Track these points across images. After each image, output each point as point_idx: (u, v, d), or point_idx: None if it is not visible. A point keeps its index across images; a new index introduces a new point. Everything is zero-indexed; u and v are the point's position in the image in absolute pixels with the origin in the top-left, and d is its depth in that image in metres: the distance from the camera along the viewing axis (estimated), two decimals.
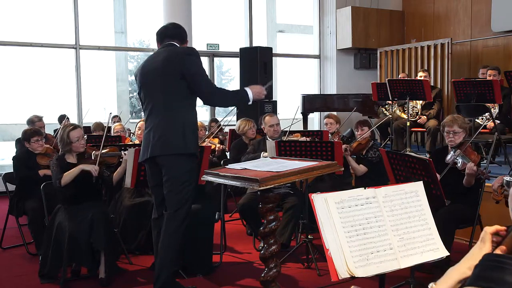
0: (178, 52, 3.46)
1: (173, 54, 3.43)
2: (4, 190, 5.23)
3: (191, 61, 3.39)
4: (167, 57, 3.42)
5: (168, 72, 3.38)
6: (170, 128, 3.38)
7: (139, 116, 12.86)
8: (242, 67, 9.17)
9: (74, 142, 4.07)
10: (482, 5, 9.16)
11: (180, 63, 3.37)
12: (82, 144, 4.14)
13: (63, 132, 4.10)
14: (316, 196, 2.27)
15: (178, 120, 3.39)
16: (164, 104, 3.42)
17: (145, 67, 3.54)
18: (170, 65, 3.39)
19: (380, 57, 9.98)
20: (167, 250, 3.41)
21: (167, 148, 3.37)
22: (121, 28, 11.97)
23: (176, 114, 3.40)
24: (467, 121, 4.25)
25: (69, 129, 4.09)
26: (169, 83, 3.40)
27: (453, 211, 3.77)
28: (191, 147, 3.41)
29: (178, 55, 3.41)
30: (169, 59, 3.40)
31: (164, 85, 3.41)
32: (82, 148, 4.14)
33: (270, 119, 5.26)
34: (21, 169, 4.83)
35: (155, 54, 3.60)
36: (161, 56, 3.46)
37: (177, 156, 3.37)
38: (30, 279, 4.11)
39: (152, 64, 3.49)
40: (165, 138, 3.38)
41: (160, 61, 3.43)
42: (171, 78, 3.38)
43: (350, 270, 2.18)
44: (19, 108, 10.14)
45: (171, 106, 3.41)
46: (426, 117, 6.84)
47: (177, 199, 3.38)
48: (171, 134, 3.37)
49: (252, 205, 4.40)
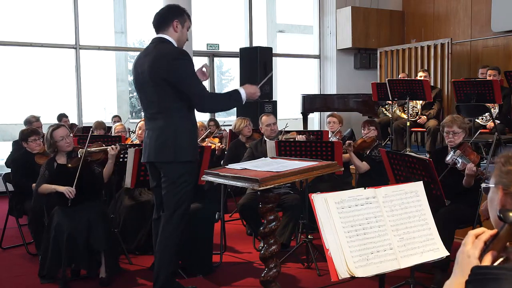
0: (163, 56, 3.27)
1: (158, 59, 3.27)
2: (4, 190, 5.23)
3: (176, 67, 3.24)
4: (152, 62, 3.28)
5: (155, 80, 3.28)
6: (163, 135, 3.32)
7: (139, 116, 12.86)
8: (242, 67, 9.18)
9: (58, 142, 4.04)
10: (482, 5, 9.16)
11: (165, 71, 3.23)
12: (68, 142, 4.08)
13: (47, 132, 4.09)
14: (316, 196, 2.27)
15: (171, 128, 3.31)
16: (157, 109, 3.34)
17: (137, 67, 3.44)
18: (156, 73, 3.26)
19: (380, 57, 9.98)
20: (165, 251, 3.39)
21: (161, 155, 3.33)
22: (121, 28, 11.96)
23: (169, 120, 3.32)
24: (466, 121, 4.25)
25: (52, 129, 4.08)
26: (159, 89, 3.29)
27: (453, 211, 3.77)
28: (182, 156, 3.31)
29: (163, 61, 3.25)
30: (154, 66, 3.27)
31: (154, 91, 3.31)
32: (68, 147, 4.10)
33: (267, 118, 5.26)
34: (17, 172, 4.81)
35: (145, 52, 3.44)
36: (149, 58, 3.32)
37: (171, 163, 3.33)
38: (30, 279, 4.10)
39: (142, 65, 3.36)
40: (158, 144, 3.33)
41: (147, 67, 3.30)
42: (159, 85, 3.28)
43: (350, 270, 2.18)
44: (19, 108, 10.13)
45: (164, 111, 3.32)
46: (426, 117, 6.84)
47: (175, 200, 3.35)
48: (164, 141, 3.32)
49: (252, 205, 4.40)
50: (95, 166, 4.22)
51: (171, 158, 3.31)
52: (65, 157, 4.13)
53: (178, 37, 3.41)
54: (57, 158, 4.12)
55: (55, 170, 4.07)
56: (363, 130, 5.17)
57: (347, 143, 4.87)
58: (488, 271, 1.12)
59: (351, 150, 4.89)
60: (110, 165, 4.26)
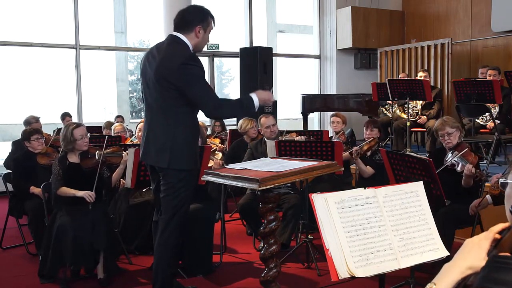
0: (172, 59, 3.15)
1: (166, 61, 3.16)
2: (4, 190, 5.23)
3: (184, 72, 3.11)
4: (160, 63, 3.17)
5: (160, 82, 3.18)
6: (161, 139, 3.26)
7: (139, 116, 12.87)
8: (242, 67, 9.18)
9: (78, 140, 4.03)
10: (482, 5, 9.16)
11: (171, 74, 3.12)
12: (86, 142, 4.09)
13: (66, 130, 4.06)
14: (316, 196, 2.27)
15: (170, 134, 3.23)
16: (160, 111, 3.27)
17: (145, 65, 3.33)
18: (161, 75, 3.16)
19: (380, 57, 9.98)
20: (164, 254, 3.37)
21: (158, 159, 3.29)
22: (121, 28, 11.97)
23: (170, 125, 3.24)
24: (456, 120, 4.28)
25: (73, 127, 4.07)
26: (163, 91, 3.20)
27: (453, 211, 3.77)
28: (178, 164, 3.25)
29: (170, 64, 3.13)
30: (160, 67, 3.16)
31: (159, 92, 3.22)
32: (85, 146, 4.10)
33: (266, 120, 5.19)
34: (17, 172, 4.81)
35: (157, 48, 3.31)
36: (159, 57, 3.21)
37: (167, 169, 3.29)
38: (30, 279, 4.10)
39: (151, 63, 3.26)
40: (157, 148, 3.28)
41: (154, 68, 3.20)
42: (163, 87, 3.18)
43: (350, 270, 2.18)
44: (19, 108, 10.14)
45: (166, 114, 3.25)
46: (426, 117, 6.84)
47: (173, 204, 3.30)
48: (161, 146, 3.26)
49: (252, 205, 4.40)
50: (105, 170, 4.21)
51: (165, 165, 3.25)
52: (77, 156, 4.11)
53: (197, 42, 3.27)
54: (69, 157, 4.11)
55: (67, 169, 4.06)
56: (366, 131, 5.11)
57: (355, 152, 4.80)
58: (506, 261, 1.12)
59: (358, 157, 4.84)
60: (120, 170, 4.23)
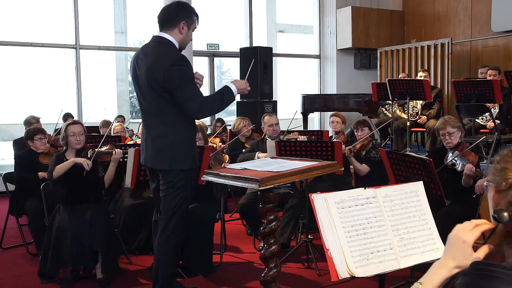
0: (161, 61, 3.16)
1: (155, 63, 3.17)
2: (4, 190, 5.23)
3: (172, 74, 3.12)
4: (149, 67, 3.18)
5: (152, 85, 3.19)
6: (160, 142, 3.27)
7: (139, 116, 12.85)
8: (242, 67, 9.18)
9: (69, 137, 4.05)
10: (482, 5, 9.16)
11: (161, 76, 3.12)
12: (78, 140, 4.08)
13: (63, 126, 4.14)
14: (316, 196, 2.27)
15: (169, 136, 3.24)
16: (155, 114, 3.27)
17: (135, 68, 3.33)
18: (152, 79, 3.16)
19: (380, 57, 9.99)
20: (163, 254, 3.37)
21: (158, 162, 3.30)
22: (121, 28, 11.97)
23: (167, 126, 3.25)
24: (458, 120, 4.28)
25: (68, 123, 4.12)
26: (155, 94, 3.21)
27: (453, 211, 3.77)
28: (178, 165, 3.25)
29: (159, 66, 3.14)
30: (150, 71, 3.17)
31: (152, 95, 3.23)
32: (77, 145, 4.09)
33: (270, 118, 5.27)
34: (20, 169, 4.82)
35: (143, 51, 3.33)
36: (147, 61, 3.22)
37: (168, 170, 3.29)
38: (30, 279, 4.10)
39: (141, 68, 3.26)
40: (155, 151, 3.28)
41: (144, 72, 3.22)
42: (155, 90, 3.19)
43: (350, 270, 2.18)
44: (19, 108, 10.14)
45: (162, 117, 3.25)
46: (426, 117, 6.85)
47: (172, 204, 3.30)
48: (161, 148, 3.27)
49: (252, 205, 4.40)
50: (100, 169, 4.21)
51: (167, 167, 3.26)
52: (74, 155, 4.12)
53: (181, 38, 3.30)
54: (67, 155, 4.12)
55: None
56: (356, 132, 5.17)
57: (347, 151, 4.84)
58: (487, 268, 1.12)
59: (352, 155, 4.89)
60: (112, 168, 4.20)
